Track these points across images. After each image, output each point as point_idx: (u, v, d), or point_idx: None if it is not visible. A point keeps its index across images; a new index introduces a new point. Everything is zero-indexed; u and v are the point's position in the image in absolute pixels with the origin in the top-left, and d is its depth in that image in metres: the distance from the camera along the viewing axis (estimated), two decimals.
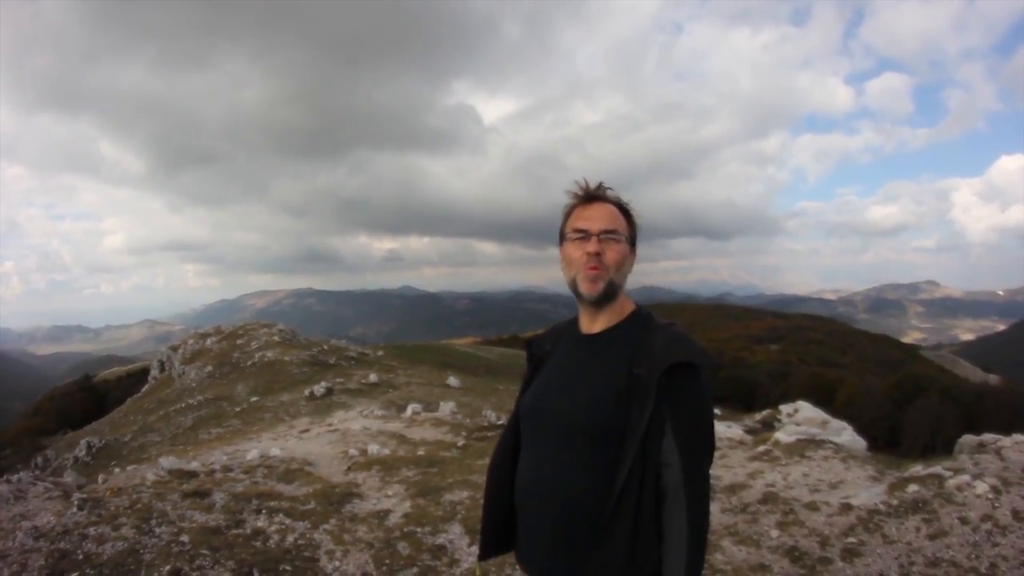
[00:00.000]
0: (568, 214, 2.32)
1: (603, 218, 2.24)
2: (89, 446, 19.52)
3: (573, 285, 2.26)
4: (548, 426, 2.23)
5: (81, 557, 5.43)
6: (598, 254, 2.19)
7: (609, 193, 2.31)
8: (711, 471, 2.04)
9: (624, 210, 2.31)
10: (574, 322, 2.40)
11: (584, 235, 2.23)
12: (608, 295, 2.23)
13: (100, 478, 9.73)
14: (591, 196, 2.30)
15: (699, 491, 2.04)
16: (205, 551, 5.71)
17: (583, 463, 2.11)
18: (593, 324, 2.29)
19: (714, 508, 7.01)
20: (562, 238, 2.32)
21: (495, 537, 2.40)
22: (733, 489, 7.54)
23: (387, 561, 5.90)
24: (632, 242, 2.31)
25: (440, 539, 6.33)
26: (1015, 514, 6.08)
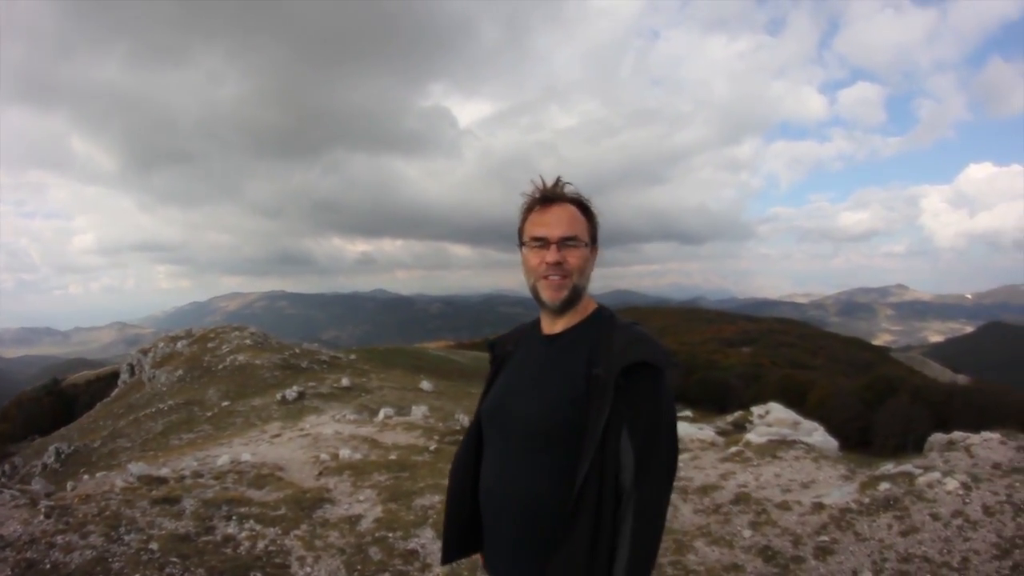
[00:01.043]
0: (525, 216, 2.26)
1: (562, 223, 2.16)
2: (58, 452, 19.22)
3: (534, 291, 2.22)
4: (509, 428, 2.20)
5: (48, 566, 5.34)
6: (559, 263, 2.14)
7: (568, 190, 2.22)
8: (685, 473, 1.99)
9: (584, 207, 2.23)
10: (537, 323, 2.36)
11: (543, 243, 2.17)
12: (571, 301, 2.19)
13: (69, 485, 9.59)
14: (548, 197, 2.21)
15: (651, 494, 1.99)
16: (175, 559, 5.64)
17: (544, 465, 2.09)
18: (554, 325, 2.25)
19: (686, 509, 7.06)
20: (521, 241, 2.25)
21: (458, 540, 2.39)
22: (705, 490, 7.58)
23: (358, 567, 5.86)
24: (593, 240, 2.24)
25: (412, 544, 6.30)
26: (985, 509, 6.18)
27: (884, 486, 6.97)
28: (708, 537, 6.41)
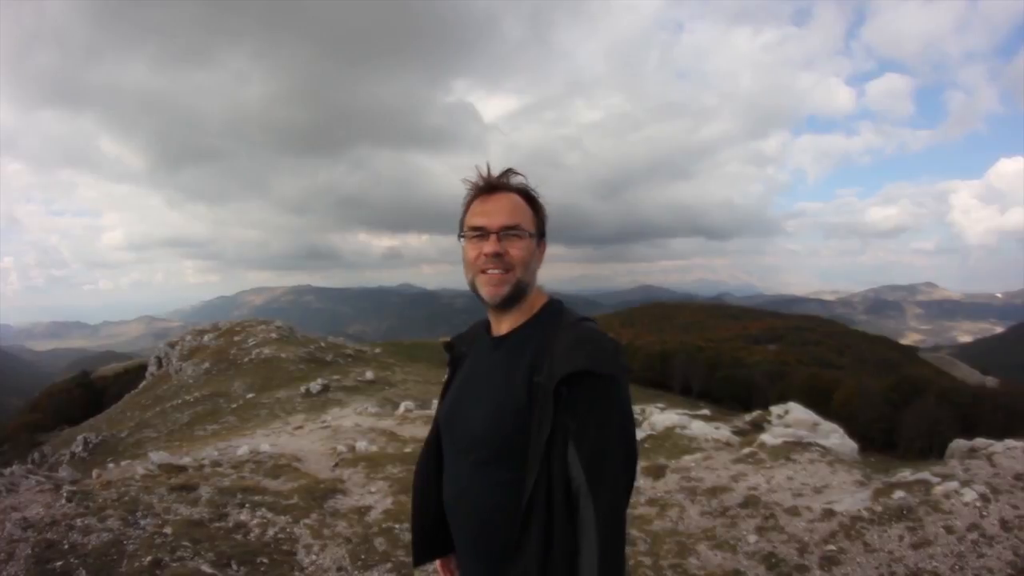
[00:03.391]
0: (467, 207, 2.06)
1: (503, 211, 1.98)
2: (86, 442, 19.59)
3: (473, 287, 2.03)
4: (459, 439, 2.07)
5: (67, 547, 5.51)
6: (498, 254, 1.96)
7: (514, 180, 2.04)
8: (696, 473, 1.92)
9: (530, 198, 2.06)
10: (488, 322, 2.17)
11: (482, 233, 1.98)
12: (514, 298, 2.01)
13: (94, 473, 9.82)
14: (491, 186, 2.03)
15: (607, 507, 1.81)
16: (186, 543, 5.79)
17: (492, 478, 1.95)
18: (500, 325, 2.08)
19: (693, 511, 7.02)
20: (461, 233, 2.06)
21: (427, 543, 2.31)
22: (714, 492, 7.48)
23: (363, 556, 5.96)
24: (540, 233, 2.07)
25: None
26: (1003, 524, 5.90)
27: (899, 494, 6.71)
28: (712, 541, 6.30)
